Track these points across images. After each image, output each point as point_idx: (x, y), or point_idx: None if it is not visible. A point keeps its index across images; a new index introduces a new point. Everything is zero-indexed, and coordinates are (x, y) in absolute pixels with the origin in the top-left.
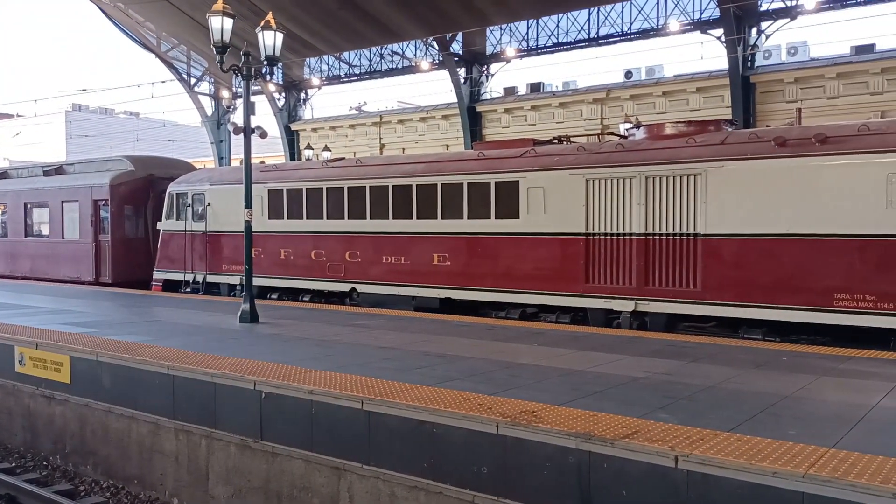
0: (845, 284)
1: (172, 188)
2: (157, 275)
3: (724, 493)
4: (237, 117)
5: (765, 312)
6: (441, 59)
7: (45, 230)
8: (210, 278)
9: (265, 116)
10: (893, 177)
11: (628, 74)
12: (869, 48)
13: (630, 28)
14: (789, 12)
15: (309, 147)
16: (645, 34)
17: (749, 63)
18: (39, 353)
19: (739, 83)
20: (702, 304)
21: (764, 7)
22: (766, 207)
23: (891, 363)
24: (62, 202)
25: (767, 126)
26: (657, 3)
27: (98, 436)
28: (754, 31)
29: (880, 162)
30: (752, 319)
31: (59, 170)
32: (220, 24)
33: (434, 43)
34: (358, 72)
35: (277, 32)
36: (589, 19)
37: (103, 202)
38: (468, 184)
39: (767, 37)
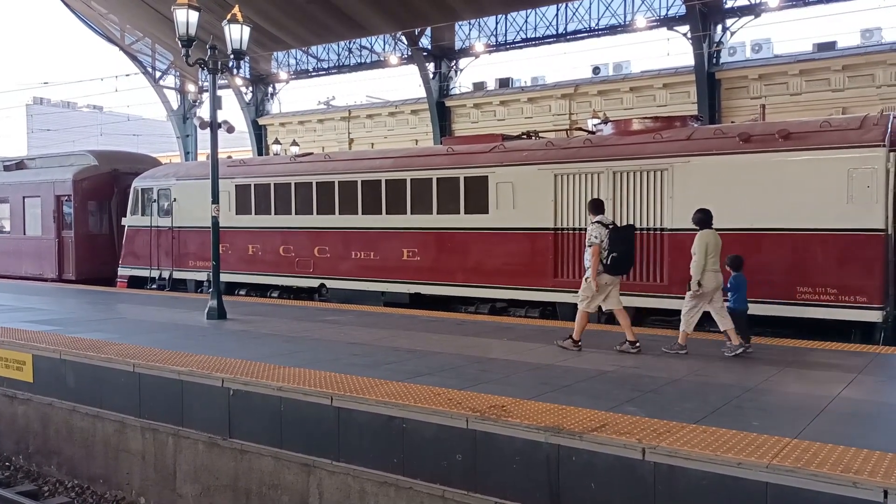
0: (807, 278)
1: (137, 183)
2: (122, 271)
3: (690, 484)
4: (203, 112)
5: None
6: (410, 53)
7: (7, 226)
8: (176, 274)
9: (232, 111)
10: (854, 172)
11: (596, 70)
12: (830, 46)
13: (598, 24)
14: (753, 10)
15: (277, 142)
16: (612, 30)
17: (714, 60)
18: (1, 352)
19: (705, 79)
20: (668, 298)
21: (729, 4)
22: (730, 202)
23: (851, 354)
24: (23, 198)
25: (732, 122)
26: None
27: (62, 435)
28: (719, 28)
29: (841, 157)
30: None
31: (20, 164)
32: (186, 18)
33: (403, 38)
34: (326, 66)
35: (244, 26)
36: (557, 15)
37: (66, 198)
38: (437, 179)
39: (732, 34)
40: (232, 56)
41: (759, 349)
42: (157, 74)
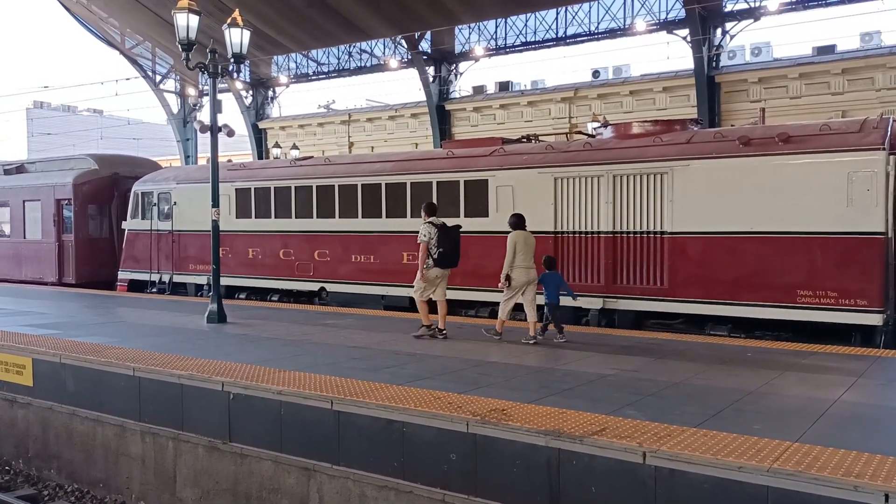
0: (808, 281)
1: (138, 187)
2: (122, 275)
3: (691, 488)
4: (204, 115)
5: (730, 309)
6: (410, 57)
7: (7, 230)
8: (176, 278)
9: (232, 114)
10: (854, 175)
11: (596, 74)
12: (830, 49)
13: (597, 28)
14: (753, 13)
15: (277, 146)
16: (612, 34)
17: (714, 63)
18: (0, 356)
19: (705, 83)
20: (669, 302)
21: (728, 8)
22: (730, 205)
23: (852, 358)
24: (24, 201)
25: (732, 125)
26: (624, 3)
27: (62, 439)
28: (719, 31)
29: (841, 161)
30: (717, 316)
31: (20, 168)
32: (186, 21)
33: (403, 41)
34: (326, 70)
35: (244, 30)
36: (557, 19)
37: (66, 201)
38: (437, 182)
39: (732, 37)
40: (232, 60)
41: (760, 353)
42: (158, 78)
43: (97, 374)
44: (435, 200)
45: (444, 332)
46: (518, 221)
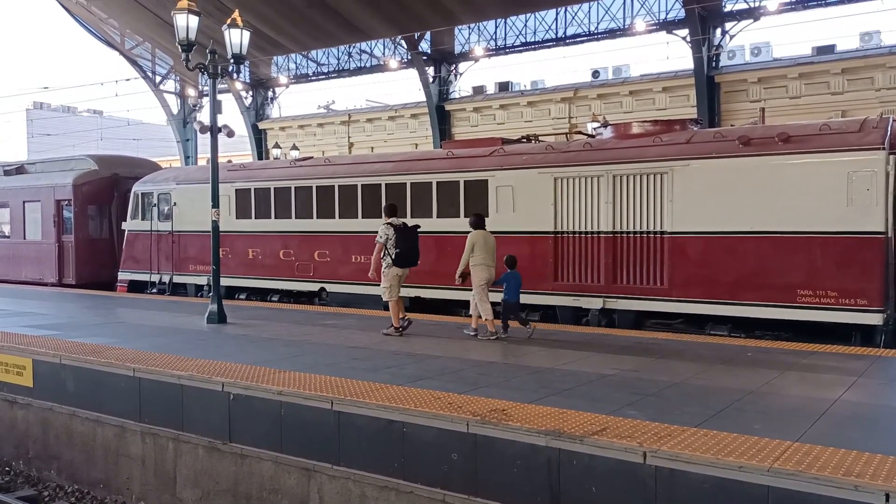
0: (808, 281)
1: (137, 188)
2: (122, 276)
3: (692, 488)
4: (203, 116)
5: (730, 309)
6: (409, 57)
7: (7, 231)
8: (176, 279)
9: (232, 115)
10: (854, 175)
11: (595, 74)
12: (829, 49)
13: (597, 28)
14: (753, 13)
15: (277, 146)
16: (612, 34)
17: (714, 63)
18: (1, 357)
19: (704, 83)
20: (669, 301)
21: (728, 8)
22: (730, 205)
23: (852, 357)
24: (24, 202)
25: (732, 125)
26: (623, 3)
27: (62, 440)
28: (718, 31)
29: (841, 161)
30: (717, 316)
31: (20, 169)
32: (186, 22)
33: (402, 42)
34: (326, 70)
35: (244, 30)
36: (556, 19)
37: (66, 202)
38: (437, 183)
39: (731, 37)
40: (232, 60)
41: (760, 352)
42: (158, 79)
43: (97, 375)
44: (435, 201)
45: (405, 317)
46: (478, 221)
